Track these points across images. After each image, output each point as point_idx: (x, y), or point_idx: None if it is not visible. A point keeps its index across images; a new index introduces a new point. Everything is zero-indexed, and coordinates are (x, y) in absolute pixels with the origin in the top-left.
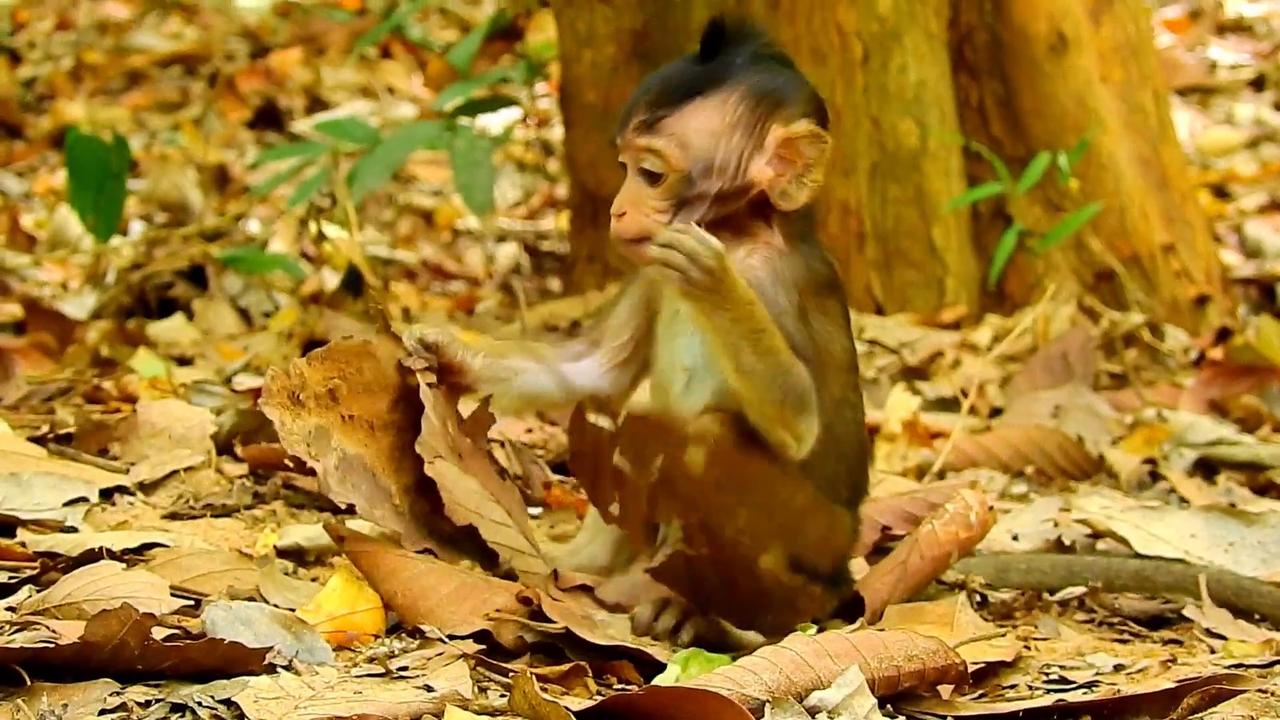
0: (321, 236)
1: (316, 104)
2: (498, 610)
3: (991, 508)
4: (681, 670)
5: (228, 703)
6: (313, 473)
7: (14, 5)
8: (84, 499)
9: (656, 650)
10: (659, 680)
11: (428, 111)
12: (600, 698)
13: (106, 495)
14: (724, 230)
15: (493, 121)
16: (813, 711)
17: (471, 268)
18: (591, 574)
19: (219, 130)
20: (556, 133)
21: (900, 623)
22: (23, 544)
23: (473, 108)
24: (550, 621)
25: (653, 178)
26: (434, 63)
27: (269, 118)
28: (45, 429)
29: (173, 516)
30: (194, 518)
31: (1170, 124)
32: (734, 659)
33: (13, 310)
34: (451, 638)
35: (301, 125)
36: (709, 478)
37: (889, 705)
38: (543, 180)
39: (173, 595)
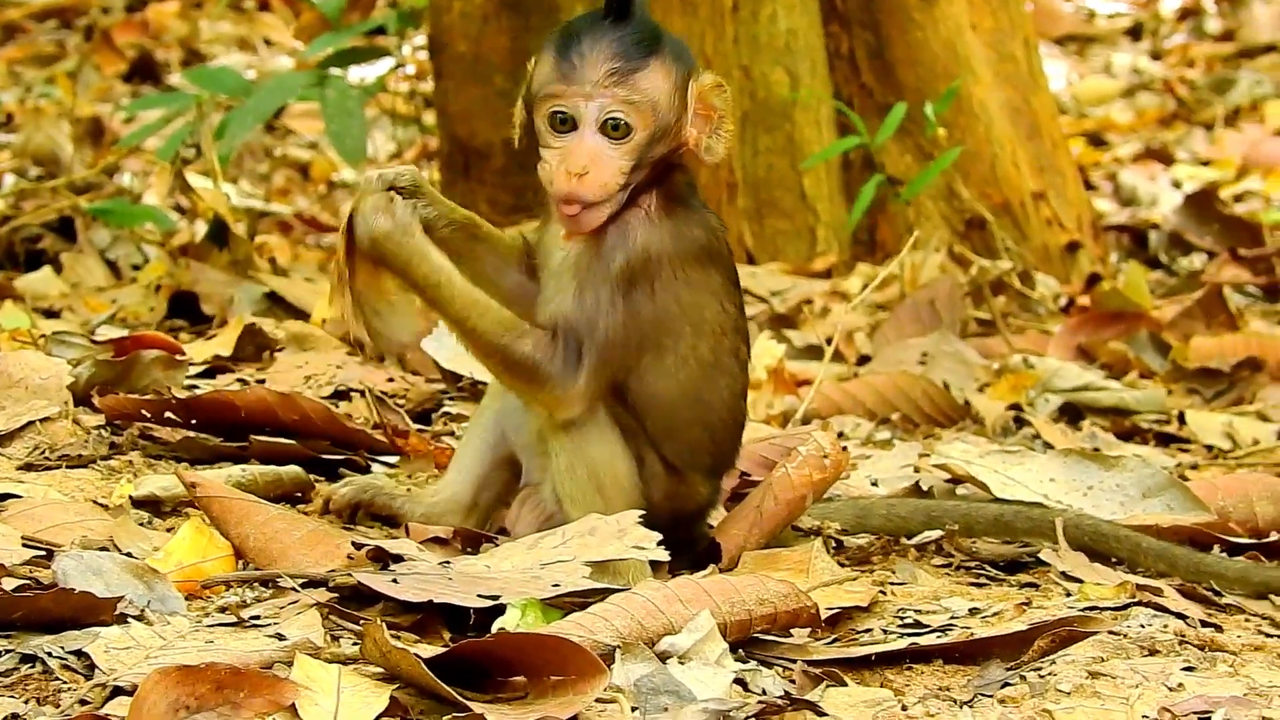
0: (188, 187)
1: (194, 56)
2: (349, 558)
3: (845, 449)
4: (520, 616)
5: (79, 653)
6: None
7: None
8: None
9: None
10: (499, 624)
11: (304, 64)
12: (453, 645)
13: None
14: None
15: (369, 73)
16: (664, 657)
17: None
18: (456, 513)
19: (95, 83)
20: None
21: (756, 568)
22: None
23: (344, 58)
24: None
25: (618, 135)
26: (306, 13)
27: (145, 71)
28: None
29: (28, 468)
30: (49, 469)
31: (1041, 72)
32: (565, 614)
33: None
34: (304, 583)
35: (178, 78)
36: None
37: (741, 650)
38: (418, 133)
39: (24, 546)
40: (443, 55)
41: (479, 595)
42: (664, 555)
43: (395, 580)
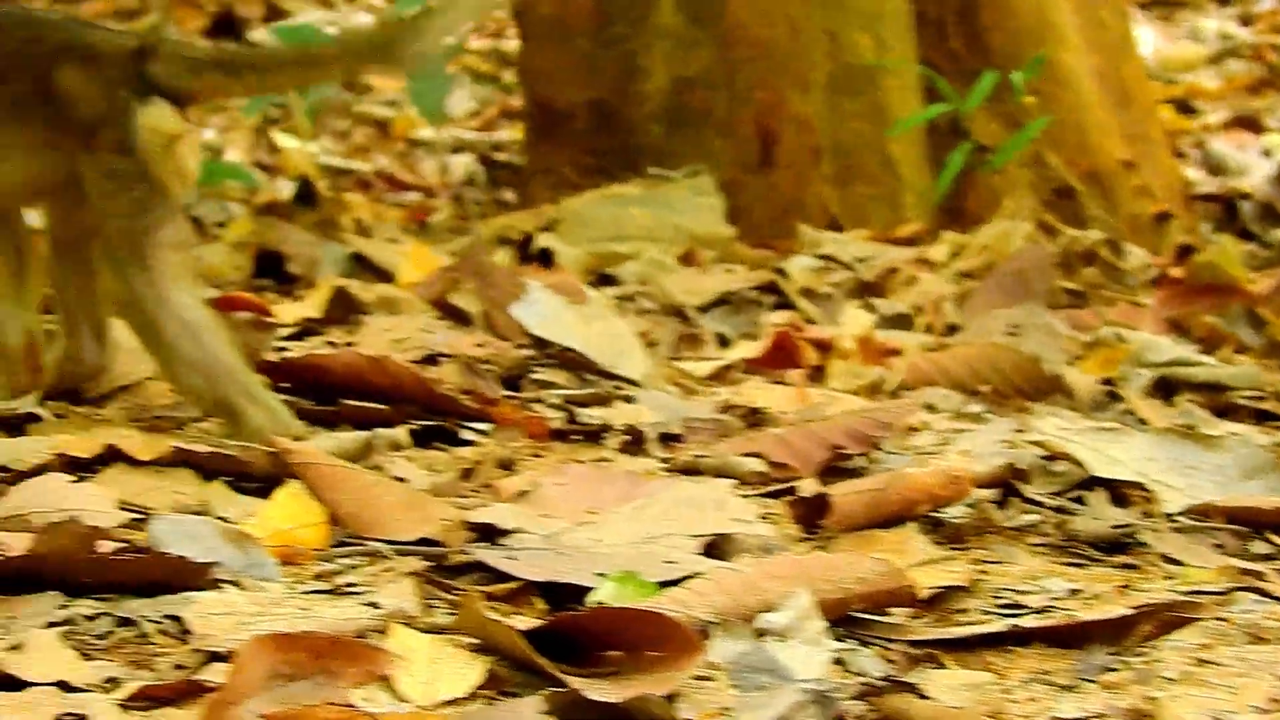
0: (274, 146)
1: (274, 12)
2: (444, 519)
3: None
4: (616, 589)
5: (174, 618)
6: None
7: None
8: (34, 416)
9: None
10: (594, 596)
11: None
12: (550, 618)
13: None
14: None
15: None
16: (761, 634)
17: (426, 178)
18: None
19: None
20: (512, 41)
21: (853, 546)
22: None
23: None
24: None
25: None
26: None
27: (226, 26)
28: None
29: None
30: (144, 431)
31: (1131, 39)
32: (661, 587)
33: None
34: (395, 548)
35: (259, 34)
36: None
37: (838, 628)
38: (498, 91)
39: (120, 509)
40: (527, 16)
41: (595, 574)
42: (765, 530)
43: (510, 557)
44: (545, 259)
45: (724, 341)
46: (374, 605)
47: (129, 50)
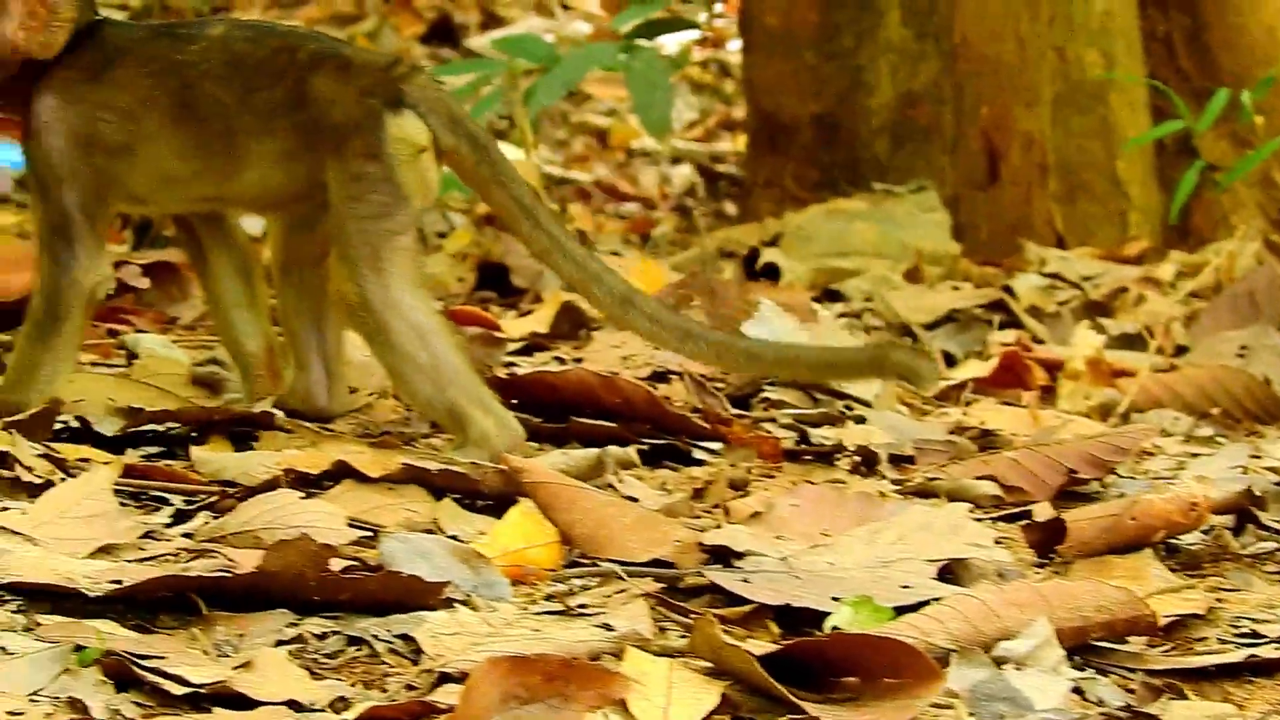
0: None
1: (491, 20)
2: (677, 541)
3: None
4: (852, 614)
5: (405, 637)
6: None
7: None
8: (270, 415)
9: (815, 601)
10: (831, 622)
11: (602, 30)
12: (785, 642)
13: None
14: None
15: (667, 41)
16: (1000, 662)
17: (646, 189)
18: None
19: (393, 45)
20: (731, 51)
21: (1088, 573)
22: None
23: (651, 28)
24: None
25: None
26: None
27: (443, 33)
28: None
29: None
30: (373, 448)
31: None
32: (896, 614)
33: None
34: (627, 569)
35: (476, 41)
36: None
37: (1077, 657)
38: (718, 102)
39: (350, 526)
40: (751, 27)
41: (832, 598)
42: (1001, 556)
43: (746, 580)
44: (770, 274)
45: (950, 360)
46: (607, 627)
47: (382, 62)
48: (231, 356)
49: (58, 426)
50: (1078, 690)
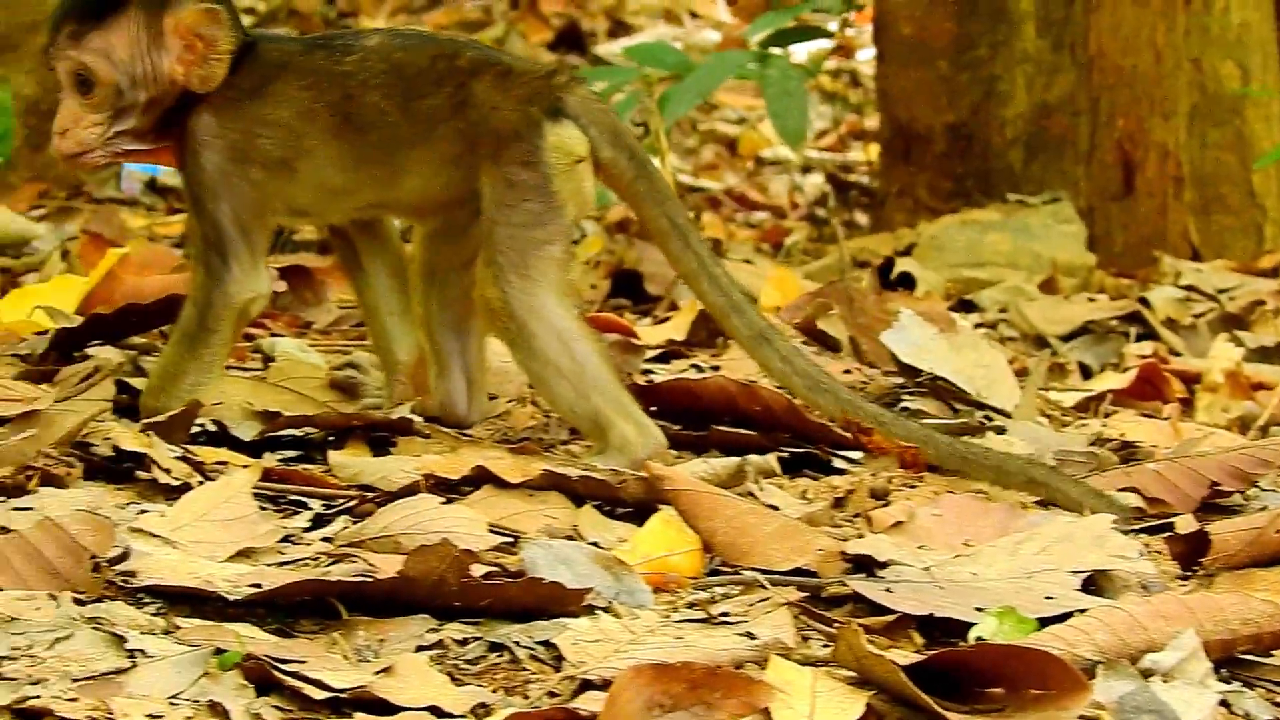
0: None
1: (619, 27)
2: (819, 550)
3: None
4: (997, 625)
5: (546, 644)
6: None
7: None
8: (408, 421)
9: (959, 611)
10: (975, 632)
11: (731, 38)
12: (929, 652)
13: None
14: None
15: (798, 49)
16: (1146, 674)
17: (776, 198)
18: None
19: (521, 51)
20: (861, 60)
21: (1234, 586)
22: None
23: (784, 37)
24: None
25: (85, 91)
26: None
27: (571, 40)
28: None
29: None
30: (512, 452)
31: None
32: (1041, 625)
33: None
34: (769, 578)
35: (604, 48)
36: None
37: (1223, 670)
38: (849, 111)
39: (490, 532)
40: (886, 37)
41: (975, 609)
42: (1145, 567)
43: (889, 589)
44: (905, 284)
45: (1086, 371)
46: (750, 636)
47: (543, 71)
48: (382, 363)
49: (194, 430)
50: (1224, 703)
